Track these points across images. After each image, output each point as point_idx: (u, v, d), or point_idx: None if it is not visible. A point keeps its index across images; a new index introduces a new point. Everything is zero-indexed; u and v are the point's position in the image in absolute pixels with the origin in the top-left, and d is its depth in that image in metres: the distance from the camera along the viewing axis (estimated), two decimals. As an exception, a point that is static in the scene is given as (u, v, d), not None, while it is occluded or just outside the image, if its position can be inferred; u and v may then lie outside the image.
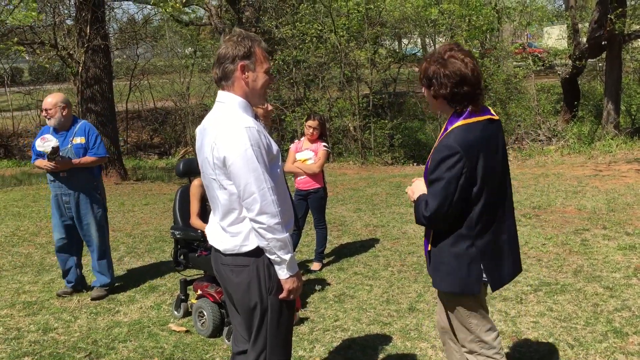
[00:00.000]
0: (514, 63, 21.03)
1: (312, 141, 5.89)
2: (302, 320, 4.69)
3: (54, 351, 4.25)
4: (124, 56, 25.93)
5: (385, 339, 4.35)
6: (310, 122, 5.89)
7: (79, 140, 5.40)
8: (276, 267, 2.58)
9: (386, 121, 17.97)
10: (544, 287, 5.17)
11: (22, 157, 19.17)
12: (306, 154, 5.87)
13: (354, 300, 5.12)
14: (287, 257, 2.55)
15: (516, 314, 4.67)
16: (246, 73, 2.58)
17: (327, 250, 6.54)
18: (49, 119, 5.35)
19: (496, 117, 2.84)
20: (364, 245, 6.76)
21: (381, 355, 4.10)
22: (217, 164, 2.54)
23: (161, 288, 5.63)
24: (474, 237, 2.76)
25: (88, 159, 5.40)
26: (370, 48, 17.59)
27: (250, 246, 2.57)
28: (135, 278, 5.98)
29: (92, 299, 5.37)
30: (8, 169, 15.67)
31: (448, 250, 2.78)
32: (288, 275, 2.58)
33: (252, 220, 2.51)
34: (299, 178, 5.87)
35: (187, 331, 4.55)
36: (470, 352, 2.96)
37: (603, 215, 7.46)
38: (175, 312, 4.89)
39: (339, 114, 17.55)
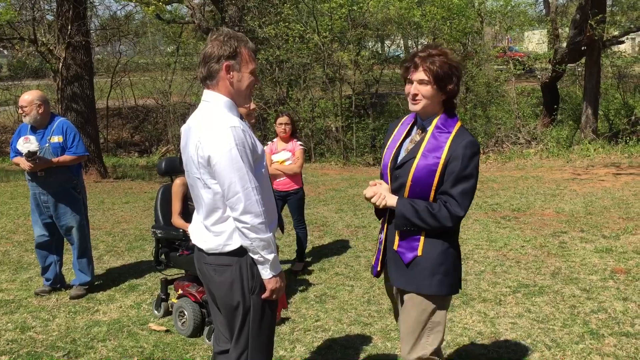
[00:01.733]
0: (495, 66, 21.23)
1: (285, 140, 5.87)
2: (283, 320, 4.69)
3: (31, 350, 4.20)
4: (106, 53, 25.69)
5: (366, 339, 4.38)
6: (280, 120, 5.88)
7: (57, 139, 5.33)
8: (259, 267, 2.58)
9: (368, 122, 18.02)
10: (523, 289, 5.24)
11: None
12: (283, 155, 5.84)
13: (335, 301, 5.13)
14: (271, 257, 2.56)
15: (495, 315, 4.72)
16: (231, 73, 2.59)
17: (308, 251, 6.56)
18: (24, 116, 5.28)
19: None
20: (346, 246, 6.79)
21: (362, 356, 4.12)
22: (202, 163, 2.54)
23: (141, 287, 5.60)
24: (455, 235, 2.83)
25: (67, 157, 5.34)
26: (354, 49, 17.63)
27: (233, 245, 2.58)
28: (115, 277, 5.93)
29: (71, 298, 5.32)
30: (-15, 166, 15.45)
31: (448, 250, 2.77)
32: (271, 275, 2.59)
33: (235, 219, 2.51)
34: (277, 179, 5.85)
35: (167, 331, 4.54)
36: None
37: (581, 218, 7.56)
38: (156, 312, 4.87)
39: (322, 114, 17.56)
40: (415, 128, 2.90)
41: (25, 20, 16.15)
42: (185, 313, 4.43)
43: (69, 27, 12.29)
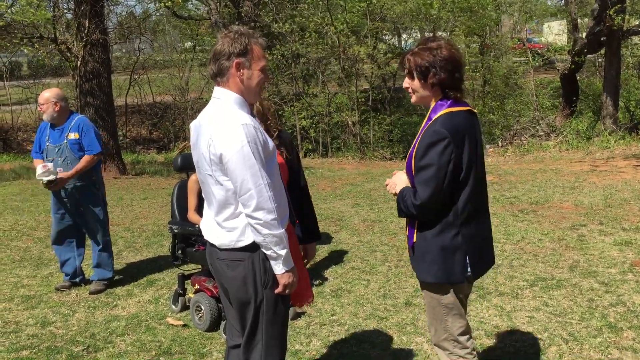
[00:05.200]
0: (514, 58, 21.04)
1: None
2: (299, 315, 4.72)
3: (52, 345, 4.28)
4: (124, 50, 25.90)
5: (382, 333, 4.38)
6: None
7: (73, 135, 5.40)
8: (272, 262, 2.60)
9: (385, 116, 17.98)
10: (540, 283, 5.20)
11: (20, 151, 19.18)
12: None
13: (351, 295, 5.14)
14: (283, 252, 2.58)
15: (512, 308, 4.70)
16: (241, 70, 2.60)
17: (325, 246, 6.58)
18: (42, 113, 5.38)
19: (474, 110, 2.92)
20: (362, 240, 6.79)
21: (377, 350, 4.13)
22: (214, 160, 2.56)
23: (159, 282, 5.66)
24: (459, 225, 2.78)
25: (85, 162, 5.38)
26: (370, 43, 17.58)
27: (246, 241, 2.60)
28: (134, 272, 6.00)
29: (91, 293, 5.40)
30: (7, 163, 15.66)
31: (434, 239, 2.79)
32: (284, 270, 2.61)
33: (248, 216, 2.53)
34: None
35: (184, 325, 4.59)
36: (442, 349, 2.97)
37: (600, 210, 7.48)
38: (173, 307, 4.92)
39: (338, 109, 17.55)
40: None
41: (45, 19, 16.33)
42: (202, 308, 4.47)
43: (87, 25, 12.40)
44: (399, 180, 2.91)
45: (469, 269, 2.83)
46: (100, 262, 5.57)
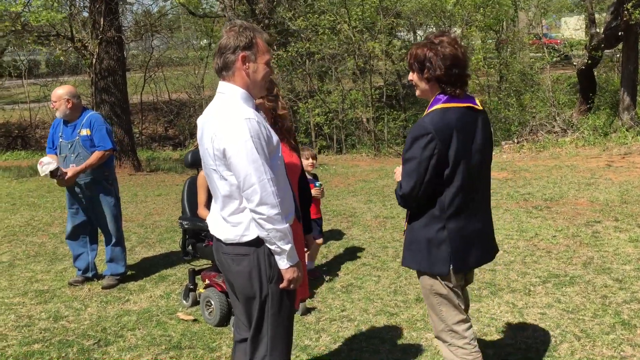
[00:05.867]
0: (530, 54, 20.83)
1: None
2: (309, 310, 4.72)
3: (63, 338, 4.32)
4: (140, 48, 26.04)
5: (392, 329, 4.37)
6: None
7: (85, 132, 5.43)
8: (276, 257, 2.60)
9: (399, 112, 17.91)
10: (553, 279, 5.15)
11: (38, 148, 19.38)
12: None
13: (362, 291, 5.13)
14: (287, 247, 2.57)
15: (524, 305, 4.66)
16: (247, 64, 2.60)
17: (336, 242, 6.58)
18: (55, 110, 5.42)
19: (478, 107, 2.91)
20: (374, 237, 6.77)
21: (387, 345, 4.11)
22: (218, 155, 2.56)
23: (171, 277, 5.69)
24: (445, 219, 2.84)
25: (95, 158, 5.40)
26: (385, 39, 17.51)
27: (250, 236, 2.60)
28: (146, 267, 6.04)
29: (103, 288, 5.44)
30: (25, 160, 15.83)
31: (420, 231, 2.88)
32: (288, 265, 2.61)
33: (252, 211, 2.53)
34: None
35: (194, 320, 4.60)
36: (442, 340, 3.03)
37: (615, 207, 7.39)
38: (184, 301, 4.94)
39: (352, 105, 17.51)
40: None
41: (62, 17, 16.49)
42: (212, 303, 4.49)
43: (102, 23, 12.49)
44: (399, 170, 2.99)
45: (451, 263, 2.87)
46: (113, 257, 5.62)
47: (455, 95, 2.81)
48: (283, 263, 2.60)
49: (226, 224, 2.66)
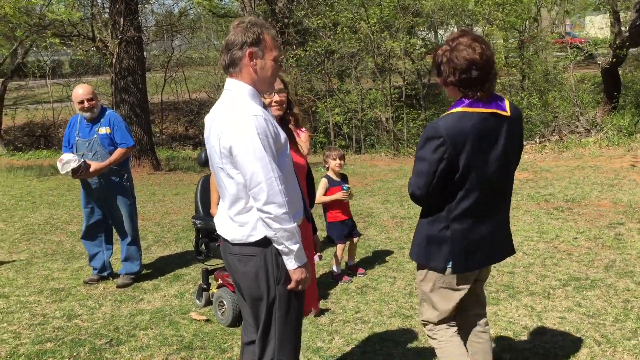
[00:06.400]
0: (553, 53, 20.53)
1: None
2: (322, 312, 4.66)
3: (76, 337, 4.31)
4: (162, 48, 26.21)
5: (406, 332, 4.29)
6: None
7: (104, 130, 5.44)
8: (284, 258, 2.54)
9: (419, 112, 17.76)
10: (573, 282, 5.03)
11: (61, 147, 19.57)
12: None
13: (377, 293, 5.06)
14: (295, 247, 2.51)
15: (542, 309, 4.55)
16: (254, 60, 2.55)
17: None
18: (86, 110, 5.38)
19: (505, 114, 2.77)
20: (390, 237, 6.69)
21: (400, 348, 4.04)
22: (224, 153, 2.51)
23: (185, 277, 5.67)
24: (450, 220, 2.81)
25: (118, 154, 5.43)
26: (404, 38, 17.39)
27: (257, 236, 2.54)
28: (161, 267, 6.03)
29: (118, 287, 5.43)
30: (47, 159, 16.02)
31: (425, 226, 2.90)
32: (296, 266, 2.55)
33: (259, 210, 2.48)
34: None
35: (207, 320, 4.57)
36: (426, 328, 3.14)
37: (639, 208, 7.21)
38: (197, 301, 4.91)
39: (371, 105, 17.42)
40: None
41: (83, 17, 16.66)
42: (225, 303, 4.45)
43: (122, 23, 12.56)
44: None
45: (450, 263, 2.86)
46: (128, 256, 5.61)
47: (478, 98, 2.70)
48: (291, 264, 2.54)
49: (233, 224, 2.61)
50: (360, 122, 17.09)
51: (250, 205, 2.53)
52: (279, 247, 2.52)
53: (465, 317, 3.15)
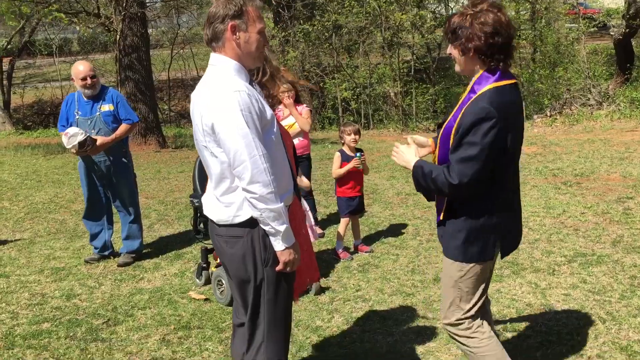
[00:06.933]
0: (566, 25, 20.12)
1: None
2: (323, 290, 4.60)
3: (73, 317, 4.29)
4: (170, 24, 25.99)
5: (407, 309, 4.23)
6: (283, 87, 5.72)
7: (107, 107, 5.39)
8: (271, 239, 2.46)
9: (428, 86, 17.54)
10: (579, 258, 4.93)
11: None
12: (291, 120, 5.75)
13: (378, 270, 4.99)
14: (282, 228, 2.42)
15: (547, 285, 4.47)
16: (237, 34, 2.44)
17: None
18: (88, 87, 5.31)
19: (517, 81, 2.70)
20: (394, 214, 6.60)
21: (401, 327, 3.98)
22: (207, 131, 2.42)
23: (187, 255, 5.63)
24: (496, 205, 2.65)
25: (123, 129, 5.39)
26: (413, 11, 17.09)
27: (243, 217, 2.46)
28: (163, 245, 6.00)
29: (119, 266, 5.41)
30: (55, 137, 16.00)
31: (468, 220, 2.66)
32: (284, 247, 2.46)
33: (244, 189, 2.39)
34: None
35: (206, 299, 4.53)
36: (451, 324, 2.85)
37: (650, 182, 7.07)
38: (197, 280, 4.88)
39: (380, 80, 17.20)
40: None
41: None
42: (223, 282, 4.40)
43: (125, -1, 12.44)
44: (409, 151, 2.80)
45: (497, 249, 2.76)
46: (129, 235, 5.58)
47: (505, 70, 2.57)
48: (278, 245, 2.46)
49: (219, 204, 2.52)
50: (368, 98, 16.90)
51: (235, 185, 2.44)
52: (266, 228, 2.44)
53: None
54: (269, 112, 2.46)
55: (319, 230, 5.96)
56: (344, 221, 5.44)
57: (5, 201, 8.20)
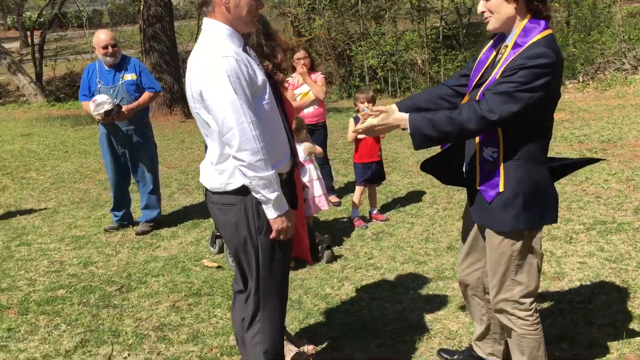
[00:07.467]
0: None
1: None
2: (335, 258, 4.60)
3: (88, 284, 4.38)
4: (196, -6, 25.92)
5: (418, 277, 4.21)
6: (297, 55, 5.68)
7: (130, 76, 5.44)
8: (263, 207, 2.44)
9: (457, 53, 17.18)
10: (598, 226, 4.83)
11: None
12: (305, 88, 5.76)
13: (392, 238, 4.97)
14: (273, 196, 2.40)
15: (562, 254, 4.39)
16: (226, -3, 2.39)
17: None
18: (109, 55, 5.34)
19: None
20: (412, 182, 6.54)
21: (410, 294, 3.97)
22: (196, 98, 2.39)
23: (204, 224, 5.68)
24: (546, 162, 2.54)
25: (146, 97, 5.47)
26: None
27: (235, 184, 2.45)
28: (182, 214, 6.06)
29: (137, 234, 5.49)
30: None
31: (522, 181, 2.49)
32: (276, 215, 2.45)
33: (233, 157, 2.37)
34: (305, 112, 5.77)
35: (219, 267, 4.58)
36: (499, 311, 2.70)
37: (679, 149, 6.85)
38: (211, 248, 4.93)
39: (407, 47, 16.91)
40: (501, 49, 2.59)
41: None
42: (235, 250, 4.43)
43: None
44: (390, 112, 2.71)
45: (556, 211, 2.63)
46: (148, 204, 5.65)
47: (550, 18, 2.45)
48: (270, 212, 2.44)
49: (213, 171, 2.51)
50: (395, 65, 16.65)
51: (227, 153, 2.42)
52: (257, 196, 2.42)
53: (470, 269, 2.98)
54: (260, 77, 2.42)
55: (334, 199, 5.94)
56: (358, 189, 5.42)
57: (33, 171, 8.37)
